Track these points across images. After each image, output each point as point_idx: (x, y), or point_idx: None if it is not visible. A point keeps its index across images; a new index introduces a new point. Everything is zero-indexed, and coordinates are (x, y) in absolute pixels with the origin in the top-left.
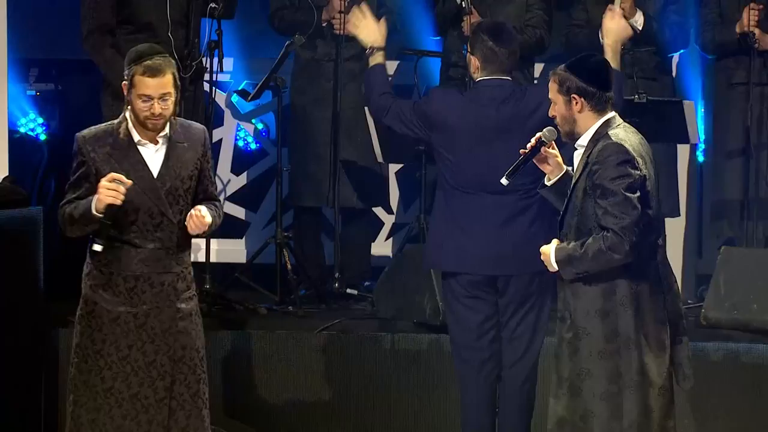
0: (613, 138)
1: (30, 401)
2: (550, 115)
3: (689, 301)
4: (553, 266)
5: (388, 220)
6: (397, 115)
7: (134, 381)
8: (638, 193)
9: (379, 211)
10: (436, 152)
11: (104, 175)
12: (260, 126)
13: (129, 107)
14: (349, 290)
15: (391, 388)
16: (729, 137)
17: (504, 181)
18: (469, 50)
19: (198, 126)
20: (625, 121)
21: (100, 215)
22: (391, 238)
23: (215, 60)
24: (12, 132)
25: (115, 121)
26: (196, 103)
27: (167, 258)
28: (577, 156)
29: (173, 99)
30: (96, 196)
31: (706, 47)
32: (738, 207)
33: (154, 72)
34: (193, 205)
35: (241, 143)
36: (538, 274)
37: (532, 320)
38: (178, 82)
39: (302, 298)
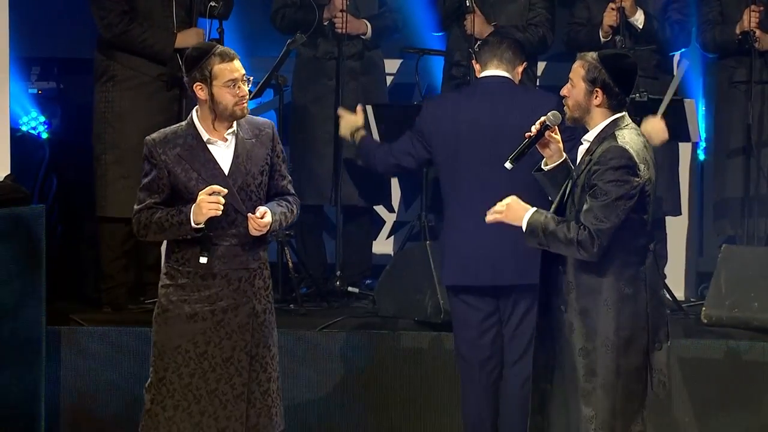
0: (618, 140)
1: (31, 401)
2: (562, 93)
3: (691, 299)
4: (520, 224)
5: (390, 218)
6: (401, 152)
7: (212, 377)
8: (629, 201)
9: (380, 209)
10: (438, 162)
11: (177, 176)
12: None
13: (199, 106)
14: (350, 288)
15: (392, 386)
16: (730, 136)
17: (508, 165)
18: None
19: (265, 121)
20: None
21: (200, 227)
22: (392, 237)
23: None
24: (14, 130)
25: (183, 123)
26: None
27: (243, 254)
28: (582, 151)
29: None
30: (192, 208)
31: (707, 46)
32: (739, 205)
33: (231, 56)
34: (266, 201)
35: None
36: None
37: (533, 318)
38: None
39: (303, 296)
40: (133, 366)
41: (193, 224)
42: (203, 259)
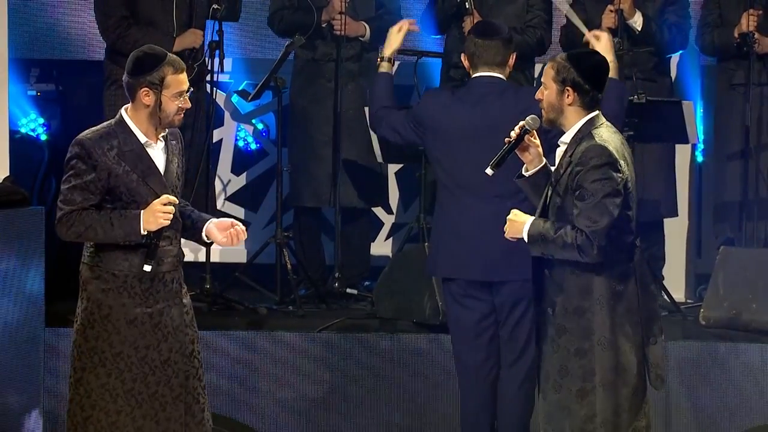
0: (596, 138)
1: (30, 401)
2: (536, 97)
3: (688, 301)
4: (522, 236)
5: (388, 220)
6: (391, 125)
7: (152, 380)
8: (617, 198)
9: (378, 211)
10: (431, 155)
11: (119, 177)
12: (260, 126)
13: (135, 109)
14: (348, 290)
15: (391, 387)
16: (729, 138)
17: (489, 171)
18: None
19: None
20: (625, 121)
21: (149, 235)
22: (390, 238)
23: (216, 60)
24: (13, 132)
25: (112, 122)
26: (197, 104)
27: (174, 256)
28: (560, 153)
29: None
30: (142, 216)
31: (706, 49)
32: (738, 208)
33: (182, 66)
34: None
35: (241, 143)
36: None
37: (529, 319)
38: None
39: (302, 297)
40: None
41: (142, 231)
42: (147, 267)
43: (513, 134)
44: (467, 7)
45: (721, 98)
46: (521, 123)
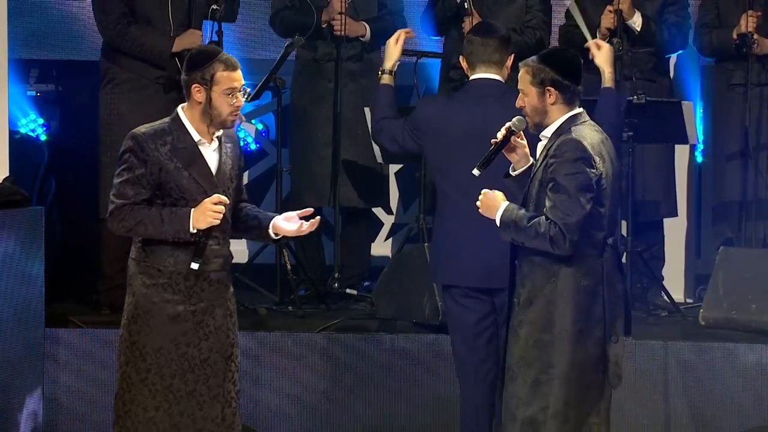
0: (573, 134)
1: (31, 402)
2: (517, 105)
3: (688, 301)
4: (494, 218)
5: (388, 220)
6: (390, 134)
7: (191, 378)
8: (589, 193)
9: (378, 211)
10: (430, 161)
11: (170, 173)
12: (260, 126)
13: (190, 107)
14: (348, 290)
15: (391, 388)
16: (729, 138)
17: (476, 172)
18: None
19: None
20: (624, 121)
21: (198, 234)
22: (390, 239)
23: None
24: (12, 132)
25: (167, 120)
26: None
27: (221, 256)
28: (540, 147)
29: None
30: (192, 214)
31: (704, 50)
32: (738, 208)
33: (235, 65)
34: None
35: (240, 144)
36: None
37: None
38: None
39: (302, 298)
40: None
41: (191, 229)
42: (195, 265)
43: (499, 135)
44: (467, 7)
45: (720, 98)
46: (507, 124)
